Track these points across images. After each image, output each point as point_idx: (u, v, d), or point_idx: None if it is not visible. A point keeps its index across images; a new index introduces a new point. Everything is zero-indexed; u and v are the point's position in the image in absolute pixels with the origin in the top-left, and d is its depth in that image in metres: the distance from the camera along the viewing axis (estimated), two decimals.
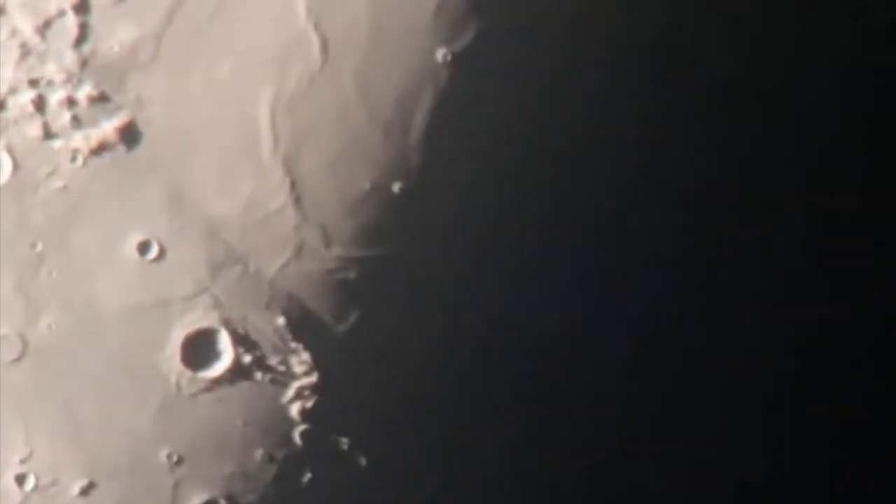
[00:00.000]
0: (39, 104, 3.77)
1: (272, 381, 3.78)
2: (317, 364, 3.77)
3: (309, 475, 3.77)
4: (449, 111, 3.75)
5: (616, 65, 3.78)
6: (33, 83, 3.77)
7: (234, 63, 3.76)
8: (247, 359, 3.77)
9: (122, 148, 3.77)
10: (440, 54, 3.75)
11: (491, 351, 3.83)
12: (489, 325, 3.82)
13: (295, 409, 3.78)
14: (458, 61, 3.73)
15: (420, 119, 3.75)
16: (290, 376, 3.78)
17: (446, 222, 3.78)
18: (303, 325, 3.77)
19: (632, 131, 3.84)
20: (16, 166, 3.78)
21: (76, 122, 3.77)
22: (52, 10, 3.75)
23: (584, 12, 3.77)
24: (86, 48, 3.78)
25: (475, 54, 3.73)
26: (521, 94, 3.76)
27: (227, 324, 3.77)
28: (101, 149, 3.78)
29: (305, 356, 3.77)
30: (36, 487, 3.73)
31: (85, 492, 3.74)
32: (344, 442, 3.78)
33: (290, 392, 3.78)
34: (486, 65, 3.74)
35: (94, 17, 3.75)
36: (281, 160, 3.76)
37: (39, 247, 3.77)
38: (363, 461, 3.78)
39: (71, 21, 3.75)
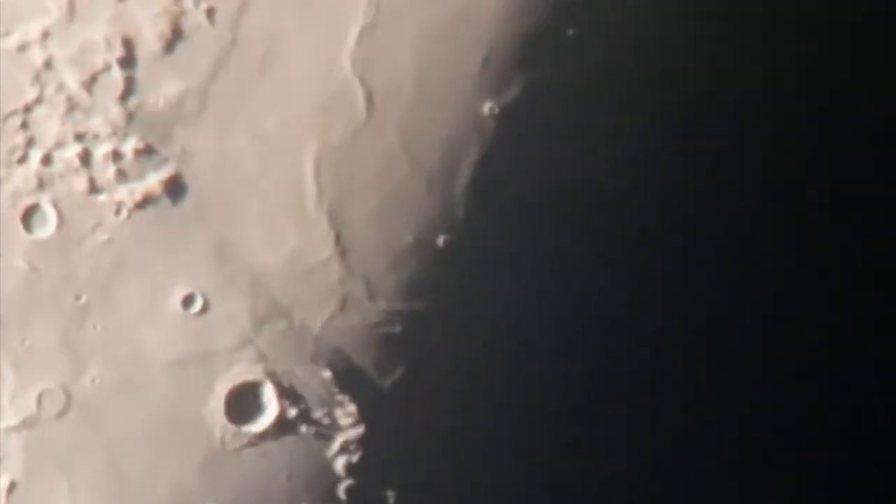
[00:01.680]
0: (85, 158, 3.77)
1: (317, 434, 3.76)
2: (362, 417, 3.76)
3: None
4: (494, 164, 3.76)
5: (662, 119, 3.80)
6: (79, 137, 3.77)
7: (279, 116, 3.77)
8: (292, 412, 3.76)
9: (167, 201, 3.77)
10: (486, 107, 3.76)
11: (537, 404, 3.82)
12: (536, 378, 3.82)
13: (340, 464, 3.76)
14: (505, 114, 3.75)
15: (465, 172, 3.76)
16: (336, 430, 3.77)
17: (491, 276, 3.78)
18: (348, 379, 3.76)
19: (675, 187, 3.85)
20: (61, 220, 3.77)
21: (121, 175, 3.78)
22: (98, 64, 3.76)
23: (630, 66, 3.78)
24: (131, 102, 3.78)
25: (521, 108, 3.74)
26: (567, 148, 3.77)
27: (272, 377, 3.76)
28: (146, 202, 3.78)
29: (351, 409, 3.76)
30: None
31: None
32: (390, 496, 3.77)
33: (336, 446, 3.76)
34: (532, 118, 3.75)
35: (140, 71, 3.76)
36: (325, 213, 3.77)
37: (84, 300, 3.76)
38: None
39: (117, 75, 3.76)
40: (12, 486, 3.71)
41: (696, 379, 3.87)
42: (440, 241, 3.77)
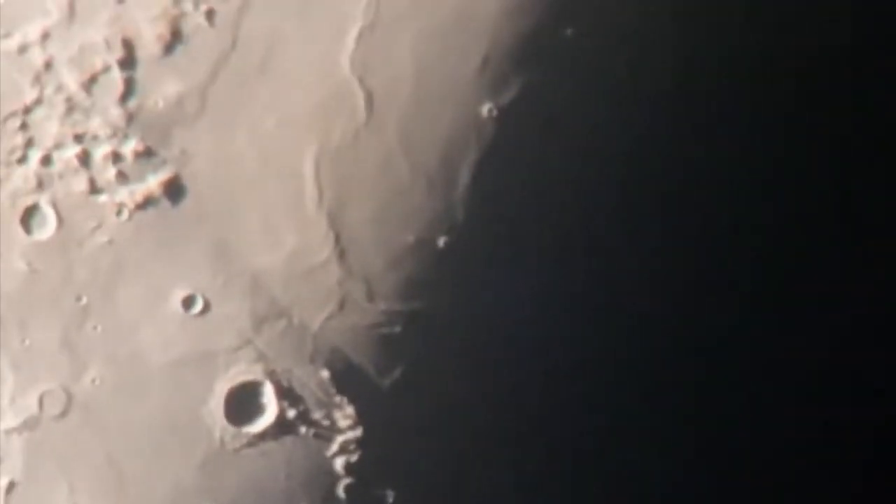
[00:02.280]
0: (85, 159, 3.78)
1: (316, 435, 3.77)
2: (361, 418, 3.77)
3: None
4: (493, 165, 3.77)
5: (660, 120, 3.80)
6: (78, 138, 3.78)
7: (278, 117, 3.77)
8: (291, 413, 3.77)
9: (166, 202, 3.78)
10: (485, 109, 3.77)
11: (533, 406, 3.83)
12: (532, 381, 3.83)
13: (339, 464, 3.77)
14: (503, 115, 3.75)
15: (465, 173, 3.76)
16: (335, 430, 3.78)
17: (490, 277, 3.79)
18: (347, 379, 3.77)
19: (673, 186, 3.86)
20: (61, 221, 3.78)
21: (121, 176, 3.78)
22: (97, 65, 3.76)
23: (628, 67, 3.79)
24: (131, 103, 3.79)
25: (520, 108, 3.75)
26: (567, 148, 3.78)
27: (271, 377, 3.77)
28: (146, 203, 3.78)
29: (349, 410, 3.77)
30: None
31: None
32: (388, 496, 3.78)
33: (335, 446, 3.78)
34: (530, 119, 3.75)
35: (140, 72, 3.77)
36: (325, 214, 3.77)
37: (84, 301, 3.77)
38: None
39: (116, 76, 3.76)
40: (12, 487, 3.72)
41: (697, 381, 3.88)
42: (440, 241, 3.78)
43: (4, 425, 3.72)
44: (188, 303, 3.77)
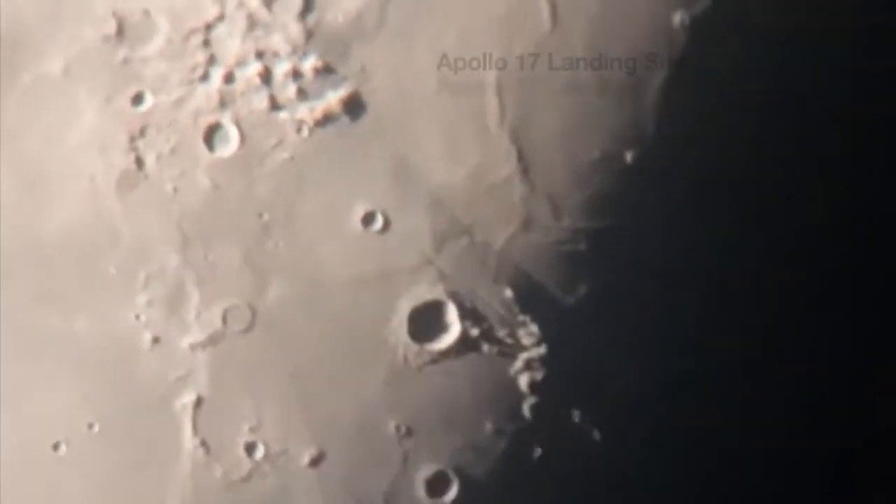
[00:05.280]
0: (265, 76, 3.75)
1: (500, 353, 3.71)
2: (545, 336, 3.70)
3: (540, 449, 3.70)
4: (684, 77, 3.67)
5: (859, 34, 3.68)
6: (259, 55, 3.75)
7: (459, 30, 3.71)
8: (474, 331, 3.71)
9: (346, 119, 3.74)
10: (677, 18, 3.67)
11: (714, 323, 3.74)
12: (716, 299, 3.73)
13: (524, 382, 3.71)
14: (696, 25, 3.65)
15: (654, 85, 3.67)
16: (519, 348, 3.71)
17: (679, 195, 3.69)
18: (530, 298, 3.71)
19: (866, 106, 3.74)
20: (243, 138, 3.76)
21: (301, 93, 3.75)
22: None
23: None
24: (311, 19, 3.75)
25: (714, 18, 3.65)
26: (762, 58, 3.66)
27: (454, 297, 3.72)
28: (325, 120, 3.75)
29: (533, 328, 3.71)
30: (266, 456, 3.71)
31: (315, 462, 3.70)
32: (576, 415, 3.71)
33: (519, 364, 3.71)
34: (725, 30, 3.65)
35: None
36: (507, 129, 3.70)
37: (266, 218, 3.74)
38: (596, 435, 3.70)
39: None
40: (199, 402, 3.72)
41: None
42: (627, 157, 3.69)
43: (190, 340, 3.72)
44: (368, 220, 3.73)
